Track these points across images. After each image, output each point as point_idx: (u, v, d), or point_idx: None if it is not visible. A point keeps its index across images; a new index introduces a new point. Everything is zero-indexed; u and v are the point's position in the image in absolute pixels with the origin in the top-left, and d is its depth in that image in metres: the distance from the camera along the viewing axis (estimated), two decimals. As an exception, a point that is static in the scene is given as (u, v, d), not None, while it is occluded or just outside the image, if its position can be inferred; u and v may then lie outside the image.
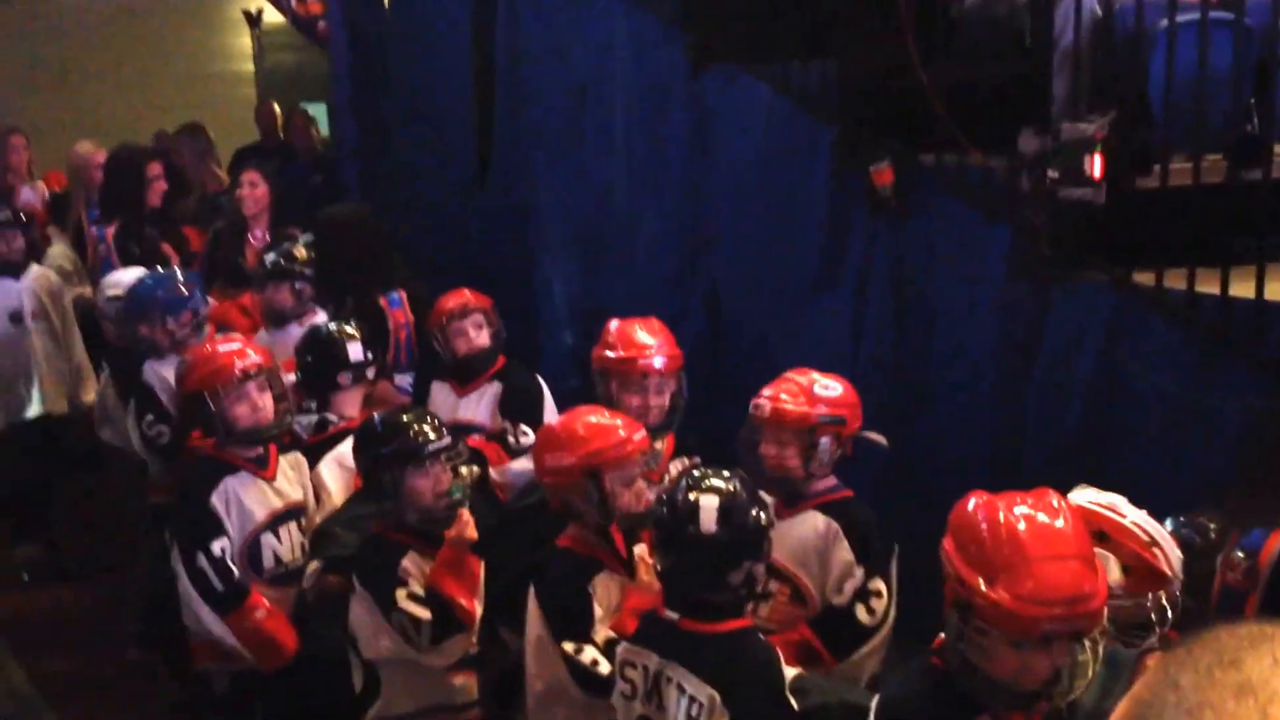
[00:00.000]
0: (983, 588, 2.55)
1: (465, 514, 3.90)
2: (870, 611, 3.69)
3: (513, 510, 4.39)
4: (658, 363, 4.35)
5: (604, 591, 3.63)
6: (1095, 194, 4.24)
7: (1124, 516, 3.11)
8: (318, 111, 10.73)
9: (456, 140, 7.79)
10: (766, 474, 3.80)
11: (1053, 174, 4.38)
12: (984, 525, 2.63)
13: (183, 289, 5.45)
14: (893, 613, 3.73)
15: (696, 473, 3.32)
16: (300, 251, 5.86)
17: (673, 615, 3.23)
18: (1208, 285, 4.10)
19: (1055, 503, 2.67)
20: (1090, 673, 2.61)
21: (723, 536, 3.15)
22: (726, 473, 3.32)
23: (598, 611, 3.60)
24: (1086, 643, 2.60)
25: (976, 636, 2.59)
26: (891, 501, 4.15)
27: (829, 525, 3.79)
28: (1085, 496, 3.15)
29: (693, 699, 3.12)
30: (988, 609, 2.54)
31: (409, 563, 3.89)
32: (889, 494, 4.48)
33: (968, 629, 2.60)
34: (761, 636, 3.30)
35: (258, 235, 6.75)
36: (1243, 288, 4.03)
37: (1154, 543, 3.07)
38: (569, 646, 3.55)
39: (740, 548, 3.18)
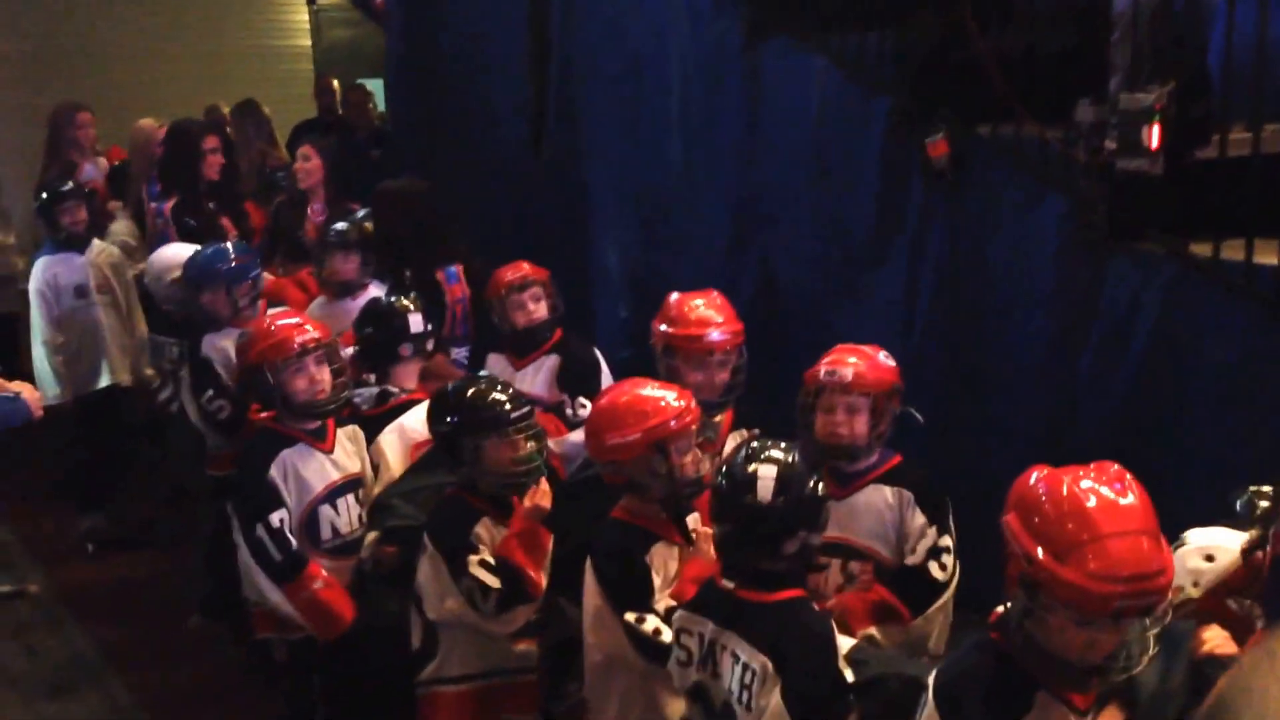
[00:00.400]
0: (1052, 566, 2.52)
1: (543, 485, 3.96)
2: (943, 567, 3.79)
3: (574, 482, 4.41)
4: (722, 338, 4.33)
5: (660, 561, 3.66)
6: (1153, 164, 4.19)
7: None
8: (375, 87, 10.79)
9: (512, 114, 7.81)
10: (828, 442, 3.83)
11: (1110, 144, 4.34)
12: (1050, 501, 2.58)
13: (243, 259, 5.53)
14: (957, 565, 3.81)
15: (755, 444, 3.33)
16: (367, 225, 5.92)
17: (729, 584, 3.25)
18: (1266, 256, 4.06)
19: (1120, 476, 2.64)
20: (1153, 647, 2.60)
21: (779, 506, 3.17)
22: (784, 444, 3.34)
23: (656, 581, 3.62)
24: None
25: (1042, 613, 2.56)
26: (943, 470, 4.14)
27: (899, 494, 3.85)
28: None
29: (746, 666, 3.14)
30: (1057, 587, 2.50)
31: (482, 529, 3.94)
32: (941, 462, 4.47)
33: (1034, 606, 2.58)
34: (816, 607, 3.32)
35: (316, 209, 6.79)
36: (1302, 258, 3.99)
37: None
38: (631, 617, 3.58)
39: (796, 517, 3.20)
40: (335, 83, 10.62)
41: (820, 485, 3.27)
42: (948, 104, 5.02)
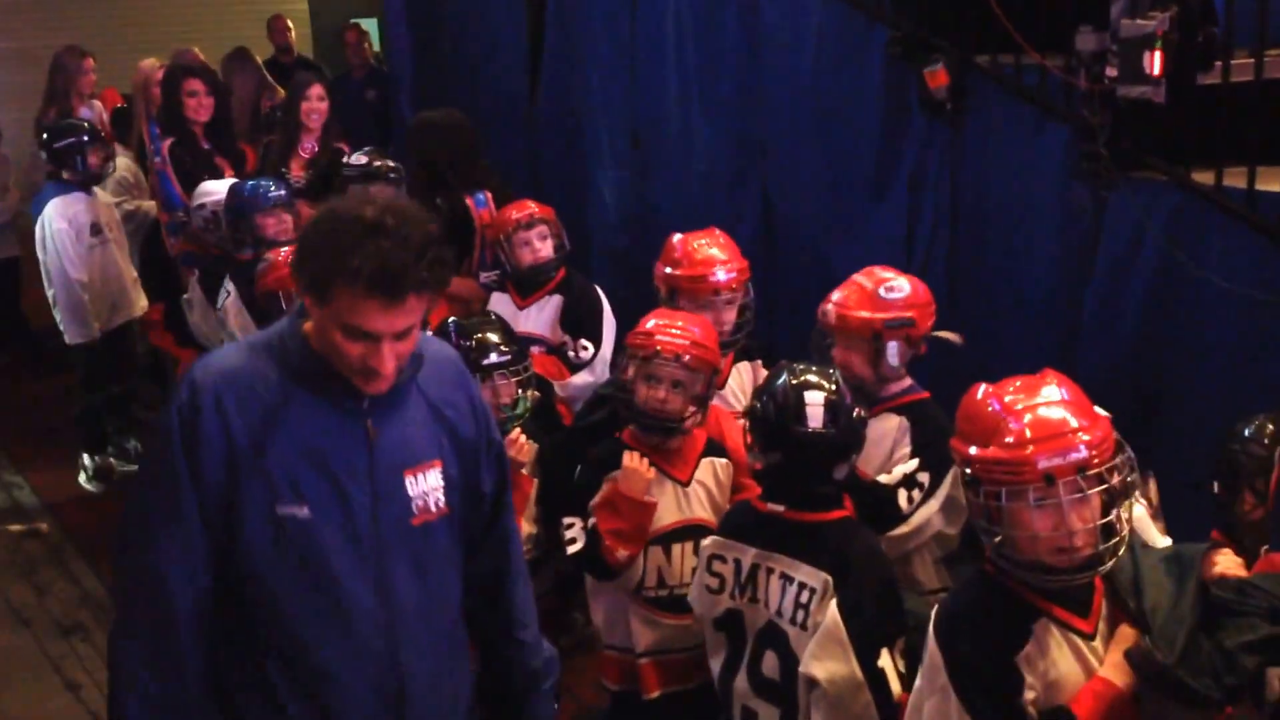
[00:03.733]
0: (978, 454, 2.60)
1: (517, 435, 3.95)
2: (910, 500, 3.66)
3: (582, 427, 4.42)
4: (728, 277, 4.30)
5: None
6: (1155, 91, 4.15)
7: None
8: (370, 26, 10.73)
9: (509, 50, 7.76)
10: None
11: (1111, 72, 4.30)
12: (974, 403, 2.68)
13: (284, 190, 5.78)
14: (935, 523, 3.67)
15: (796, 369, 3.33)
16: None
17: (776, 507, 3.29)
18: (1268, 183, 4.04)
19: (1044, 374, 2.70)
20: (1123, 533, 2.60)
21: (830, 434, 3.23)
22: (826, 369, 3.37)
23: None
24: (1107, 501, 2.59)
25: (994, 510, 2.60)
26: (945, 403, 4.14)
27: (900, 422, 3.80)
28: None
29: (802, 585, 3.18)
30: (985, 470, 2.58)
31: None
32: (942, 398, 4.48)
33: (983, 504, 2.61)
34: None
35: (306, 147, 6.84)
36: (1305, 185, 3.98)
37: None
38: (566, 521, 3.78)
39: (846, 443, 3.28)
40: (289, 21, 10.59)
41: (860, 408, 3.35)
42: (946, 33, 4.98)
